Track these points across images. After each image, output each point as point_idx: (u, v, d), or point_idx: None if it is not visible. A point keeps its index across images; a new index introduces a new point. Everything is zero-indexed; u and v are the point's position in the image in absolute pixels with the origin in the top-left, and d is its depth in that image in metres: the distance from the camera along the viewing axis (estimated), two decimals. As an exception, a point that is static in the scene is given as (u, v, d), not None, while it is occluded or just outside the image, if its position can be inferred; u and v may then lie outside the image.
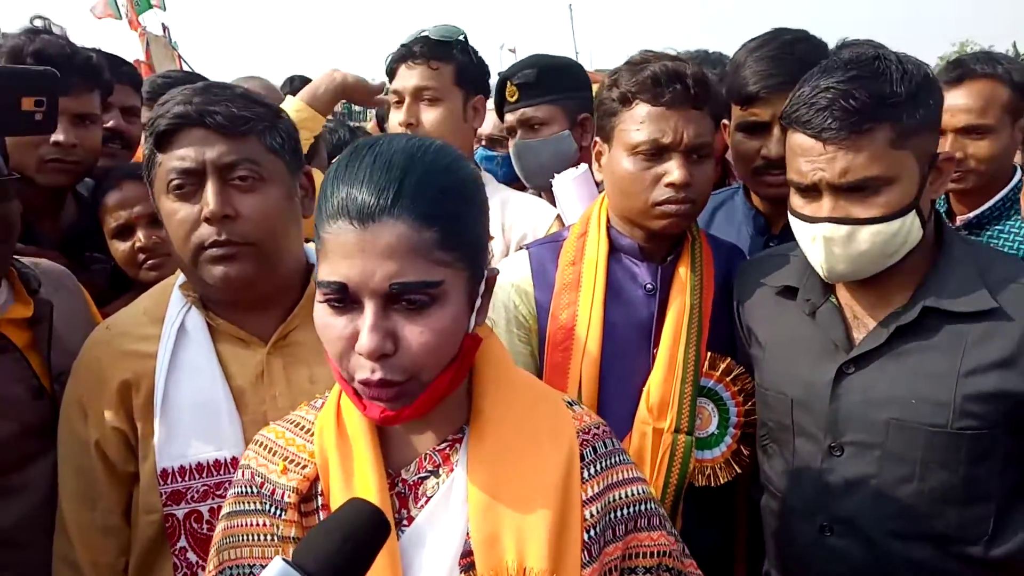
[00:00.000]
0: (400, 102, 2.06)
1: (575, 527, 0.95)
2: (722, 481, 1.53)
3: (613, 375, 1.55)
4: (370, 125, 4.96)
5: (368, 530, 0.80)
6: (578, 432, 1.02)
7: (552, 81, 2.22)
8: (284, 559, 0.75)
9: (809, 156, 1.29)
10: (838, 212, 1.29)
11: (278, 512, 0.98)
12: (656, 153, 1.49)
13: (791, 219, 1.38)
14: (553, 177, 2.15)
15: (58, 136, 1.85)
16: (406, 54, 2.04)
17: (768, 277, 1.52)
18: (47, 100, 1.29)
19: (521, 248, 1.74)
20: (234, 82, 3.03)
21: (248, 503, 1.01)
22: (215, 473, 1.28)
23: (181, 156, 1.25)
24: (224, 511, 1.03)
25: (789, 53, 1.71)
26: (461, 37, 2.10)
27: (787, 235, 1.76)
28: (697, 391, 1.53)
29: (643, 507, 1.03)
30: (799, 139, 1.31)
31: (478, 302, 0.95)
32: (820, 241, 1.32)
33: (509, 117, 2.24)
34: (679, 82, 1.48)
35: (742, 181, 1.89)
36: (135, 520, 1.32)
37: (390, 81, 2.09)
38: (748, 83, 1.71)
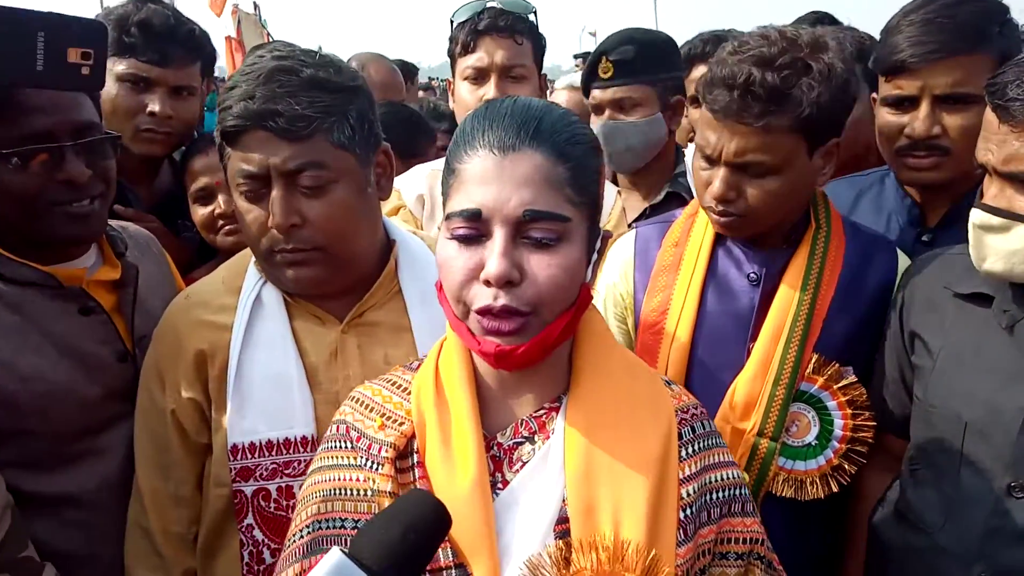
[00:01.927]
0: (480, 78, 1.98)
1: (672, 504, 0.96)
2: (811, 496, 1.42)
3: (702, 365, 1.48)
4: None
5: (429, 523, 0.78)
6: (676, 411, 1.03)
7: (649, 61, 2.13)
8: (342, 550, 0.74)
9: (994, 135, 1.14)
10: None
11: (375, 467, 1.00)
12: (708, 159, 1.41)
13: (1009, 221, 1.18)
14: (637, 161, 2.14)
15: (154, 107, 1.90)
16: (490, 26, 1.96)
17: (950, 280, 1.35)
18: (95, 54, 1.25)
19: (631, 227, 1.72)
20: (353, 59, 3.00)
21: (341, 457, 1.04)
22: (284, 452, 1.28)
23: (246, 159, 1.23)
24: (313, 466, 1.07)
25: (949, 17, 1.50)
26: (533, 12, 2.04)
27: (947, 229, 1.61)
28: (791, 395, 1.42)
29: (737, 492, 1.03)
30: (988, 115, 1.16)
31: (594, 257, 0.99)
32: None
33: (598, 94, 2.16)
34: (727, 89, 1.33)
35: (887, 162, 1.71)
36: (206, 492, 1.34)
37: (464, 53, 1.99)
38: (896, 51, 1.53)
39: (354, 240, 1.29)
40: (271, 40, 6.48)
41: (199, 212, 1.94)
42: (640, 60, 2.11)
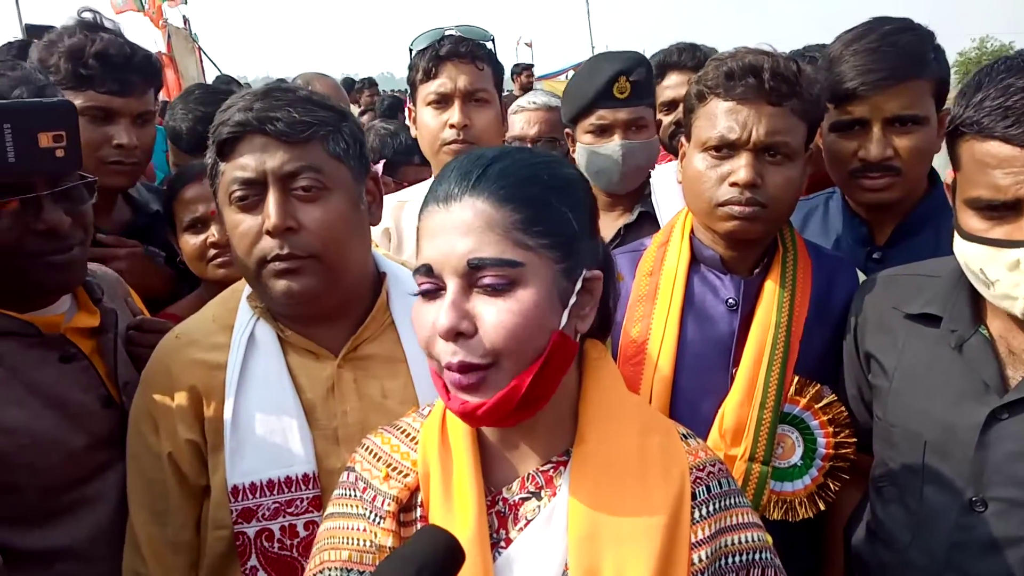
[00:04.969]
0: (443, 103, 2.07)
1: (681, 571, 0.94)
2: (801, 517, 1.50)
3: (686, 395, 1.53)
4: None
5: (443, 561, 0.81)
6: (691, 468, 1.01)
7: (652, 81, 2.25)
8: None
9: (1011, 167, 1.17)
10: None
11: (377, 520, 1.01)
12: (725, 150, 1.48)
13: (963, 244, 1.26)
14: (638, 180, 2.20)
15: (120, 139, 1.93)
16: (452, 52, 2.05)
17: (899, 301, 1.44)
18: (67, 135, 1.26)
19: None
20: (298, 77, 3.02)
21: (350, 506, 1.06)
22: (286, 491, 1.31)
23: (242, 165, 1.28)
24: (327, 512, 1.10)
25: (891, 45, 1.66)
26: (491, 40, 2.14)
27: (895, 247, 1.72)
28: (777, 418, 1.50)
29: (757, 556, 1.00)
30: (993, 148, 1.19)
31: (572, 299, 0.95)
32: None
33: (608, 114, 2.16)
34: (753, 75, 1.46)
35: (837, 186, 1.84)
36: (204, 535, 1.36)
37: (425, 79, 2.08)
38: (845, 79, 1.67)
39: (347, 252, 1.32)
40: (204, 55, 6.41)
41: (190, 242, 1.95)
42: (649, 80, 2.22)
